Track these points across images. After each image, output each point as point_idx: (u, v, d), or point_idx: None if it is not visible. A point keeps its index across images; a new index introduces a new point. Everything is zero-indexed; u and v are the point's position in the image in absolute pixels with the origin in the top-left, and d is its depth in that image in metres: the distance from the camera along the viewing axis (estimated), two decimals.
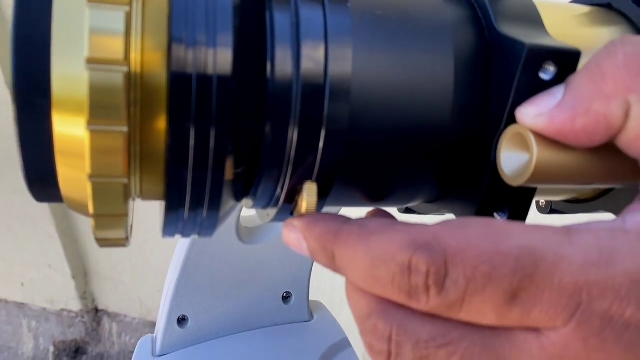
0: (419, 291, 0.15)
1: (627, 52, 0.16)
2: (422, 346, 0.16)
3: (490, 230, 0.15)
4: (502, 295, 0.15)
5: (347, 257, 0.17)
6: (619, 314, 0.14)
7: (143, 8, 0.16)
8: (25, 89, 0.16)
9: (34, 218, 1.24)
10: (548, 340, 0.15)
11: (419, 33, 0.19)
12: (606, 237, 0.15)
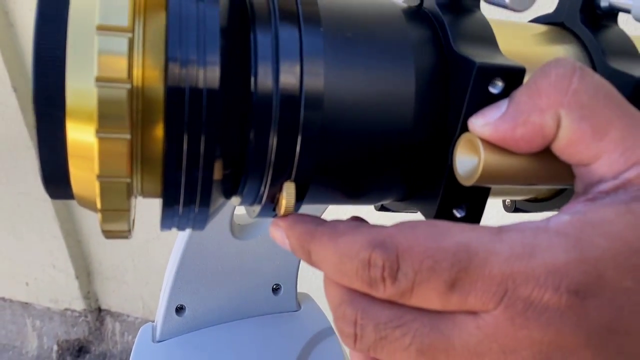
0: (377, 282, 0.18)
1: (559, 73, 0.19)
2: (381, 327, 0.18)
3: (434, 230, 0.18)
4: (443, 285, 0.17)
5: (320, 254, 0.20)
6: (538, 298, 0.17)
7: (144, 33, 0.19)
8: (43, 102, 0.18)
9: (38, 219, 1.27)
10: (483, 321, 0.17)
11: (384, 52, 0.21)
12: (530, 234, 0.18)
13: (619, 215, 0.18)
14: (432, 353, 0.18)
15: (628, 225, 0.18)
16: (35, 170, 1.22)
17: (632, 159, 0.19)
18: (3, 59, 1.13)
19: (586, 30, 0.25)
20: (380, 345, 0.18)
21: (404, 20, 0.23)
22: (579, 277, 0.17)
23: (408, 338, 0.18)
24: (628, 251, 0.17)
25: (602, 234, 0.17)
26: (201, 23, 0.19)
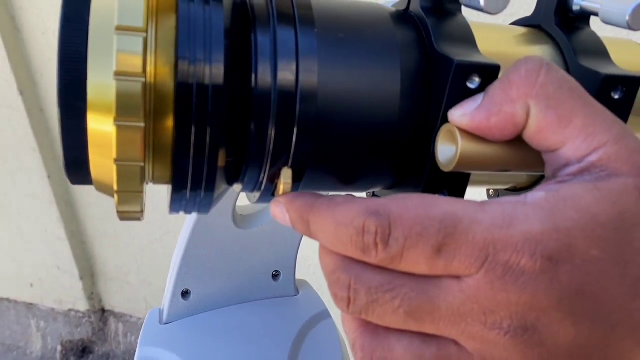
0: (370, 247, 0.20)
1: (528, 68, 0.21)
2: (373, 291, 0.21)
3: (423, 201, 0.20)
4: (430, 250, 0.20)
5: (318, 223, 0.22)
6: (515, 263, 0.19)
7: (156, 33, 0.21)
8: (67, 95, 0.21)
9: (43, 221, 1.29)
10: (465, 284, 0.20)
11: (372, 52, 0.24)
12: (510, 207, 0.20)
13: (586, 191, 0.20)
14: (419, 315, 0.20)
15: (595, 200, 0.20)
16: (41, 173, 1.24)
17: (594, 145, 0.21)
18: (10, 63, 1.15)
19: (560, 32, 0.27)
20: (372, 308, 0.21)
21: (391, 23, 0.25)
22: (552, 245, 0.19)
23: (397, 301, 0.20)
24: (595, 224, 0.19)
25: (572, 207, 0.20)
26: (208, 25, 0.22)
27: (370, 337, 0.21)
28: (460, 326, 0.20)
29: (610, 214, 0.20)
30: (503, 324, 0.19)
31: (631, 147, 0.21)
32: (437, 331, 0.20)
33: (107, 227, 1.32)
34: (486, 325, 0.19)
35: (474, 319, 0.19)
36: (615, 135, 0.21)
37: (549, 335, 0.19)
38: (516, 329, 0.19)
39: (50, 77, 1.18)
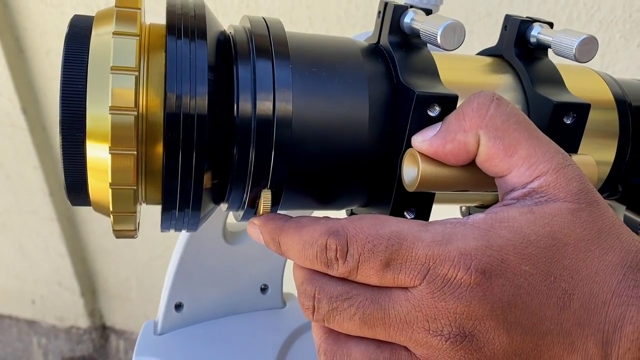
0: (332, 262, 0.23)
1: (479, 102, 0.24)
2: (333, 300, 0.23)
3: (375, 221, 0.23)
4: (379, 264, 0.22)
5: (287, 243, 0.25)
6: (453, 276, 0.22)
7: (147, 70, 0.24)
8: (68, 126, 0.24)
9: (45, 237, 1.32)
10: (411, 294, 0.22)
11: (343, 83, 0.27)
12: (450, 226, 0.23)
13: (521, 214, 0.23)
14: (372, 321, 0.23)
15: (527, 222, 0.23)
16: (43, 190, 1.28)
17: (536, 173, 0.24)
18: (14, 83, 1.19)
19: (519, 62, 0.30)
20: (332, 316, 0.23)
21: (361, 56, 0.28)
22: (485, 260, 0.22)
23: (353, 309, 0.23)
24: (526, 242, 0.22)
25: (506, 227, 0.22)
26: (193, 61, 0.25)
27: (332, 343, 0.24)
28: (407, 333, 0.22)
29: (541, 234, 0.22)
30: (444, 331, 0.22)
31: (569, 176, 0.24)
32: (389, 337, 0.23)
33: (108, 243, 1.35)
34: (429, 332, 0.22)
35: (419, 326, 0.22)
36: (556, 165, 0.24)
37: (486, 342, 0.22)
38: (455, 335, 0.22)
39: (52, 96, 1.22)
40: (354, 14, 0.96)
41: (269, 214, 0.27)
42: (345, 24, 0.97)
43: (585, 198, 0.23)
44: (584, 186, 0.24)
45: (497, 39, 0.45)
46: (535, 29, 0.30)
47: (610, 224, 0.23)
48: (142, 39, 0.24)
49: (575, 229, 0.23)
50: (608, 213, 0.24)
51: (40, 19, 1.13)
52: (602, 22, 0.88)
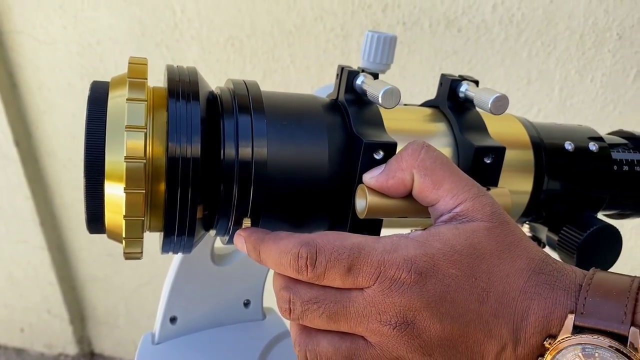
0: (303, 269, 0.30)
1: (413, 148, 0.32)
2: (305, 303, 0.30)
3: (339, 235, 0.30)
4: (342, 270, 0.29)
5: (266, 252, 0.32)
6: (397, 276, 0.29)
7: (153, 125, 0.32)
8: (90, 170, 0.31)
9: (35, 266, 1.37)
10: (366, 293, 0.29)
11: (307, 133, 0.34)
12: (396, 239, 0.30)
13: (449, 230, 0.30)
14: (336, 318, 0.30)
15: (454, 236, 0.30)
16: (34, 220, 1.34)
17: (458, 201, 0.31)
18: (7, 116, 1.25)
19: (450, 113, 0.37)
20: (305, 315, 0.30)
21: (322, 111, 0.35)
22: (422, 264, 0.29)
23: (321, 309, 0.30)
24: (452, 251, 0.29)
25: (438, 240, 0.30)
26: (189, 118, 0.32)
27: (305, 336, 0.31)
28: (364, 324, 0.29)
29: (464, 245, 0.30)
30: (391, 321, 0.29)
31: (483, 202, 0.31)
32: (350, 329, 0.30)
33: (97, 271, 1.40)
34: (381, 323, 0.29)
35: (373, 318, 0.29)
36: (473, 194, 0.31)
37: (423, 329, 0.29)
38: (400, 324, 0.29)
39: (44, 129, 1.28)
40: (331, 52, 1.04)
41: (253, 228, 0.34)
42: (324, 61, 1.05)
43: (497, 218, 0.31)
44: (496, 209, 0.31)
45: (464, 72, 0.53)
46: (464, 86, 0.37)
47: (518, 239, 0.31)
48: (148, 101, 0.31)
49: (490, 241, 0.30)
50: (517, 230, 0.31)
51: (34, 56, 1.20)
52: (559, 59, 0.97)
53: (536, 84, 0.98)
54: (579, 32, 0.94)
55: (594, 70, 0.96)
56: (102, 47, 1.15)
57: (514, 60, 0.97)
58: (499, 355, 0.29)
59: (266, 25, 1.05)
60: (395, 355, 0.29)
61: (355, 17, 1.00)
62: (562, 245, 0.40)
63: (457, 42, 0.98)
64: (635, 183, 0.42)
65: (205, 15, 1.07)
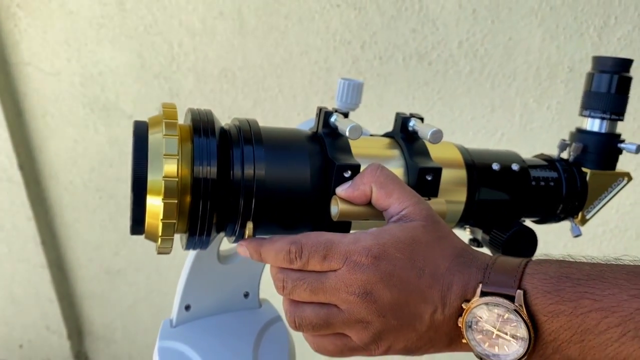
0: (293, 260, 0.42)
1: (372, 168, 0.45)
2: (294, 281, 0.42)
3: (317, 234, 0.43)
4: (320, 258, 0.42)
5: (265, 252, 0.44)
6: (359, 260, 0.41)
7: (181, 152, 0.44)
8: (137, 186, 0.43)
9: (35, 284, 1.47)
10: (338, 273, 0.41)
11: (294, 158, 0.47)
12: (359, 234, 0.42)
13: (396, 226, 0.43)
14: (316, 292, 0.42)
15: (399, 230, 0.42)
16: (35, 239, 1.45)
17: (403, 206, 0.44)
18: (12, 142, 1.36)
19: (402, 143, 0.50)
20: (294, 290, 0.42)
21: (305, 141, 0.48)
22: (376, 250, 0.41)
23: (305, 285, 0.42)
24: (398, 241, 0.42)
25: (387, 233, 0.42)
26: (208, 149, 0.44)
27: (294, 307, 0.43)
28: (336, 295, 0.41)
29: (406, 237, 0.42)
30: (356, 292, 0.41)
31: (421, 208, 0.44)
32: (326, 300, 0.42)
33: (95, 287, 1.50)
34: (348, 293, 0.41)
35: (342, 290, 0.41)
36: (414, 202, 0.44)
37: (378, 297, 0.41)
38: (361, 294, 0.41)
39: (47, 154, 1.39)
40: (316, 83, 1.18)
41: (252, 237, 0.46)
42: (309, 91, 1.19)
43: (431, 219, 0.44)
44: (430, 213, 0.44)
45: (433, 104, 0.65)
46: (412, 122, 0.50)
47: (445, 233, 0.43)
48: (179, 136, 0.44)
49: (425, 235, 0.43)
50: (445, 228, 0.44)
51: (39, 85, 1.32)
52: (518, 89, 1.11)
53: (499, 112, 1.12)
54: (535, 65, 1.08)
55: (550, 99, 1.10)
56: (104, 78, 1.28)
57: (479, 91, 1.11)
58: (433, 315, 0.41)
59: (257, 58, 1.18)
60: (359, 317, 0.41)
61: (337, 52, 1.14)
62: (491, 244, 0.53)
63: (428, 75, 1.11)
64: (548, 195, 0.55)
65: (201, 50, 1.20)
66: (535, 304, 0.38)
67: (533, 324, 0.38)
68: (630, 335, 0.35)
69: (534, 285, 0.39)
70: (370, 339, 0.42)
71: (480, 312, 0.40)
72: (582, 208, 0.57)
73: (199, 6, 1.16)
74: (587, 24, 1.02)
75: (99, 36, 1.23)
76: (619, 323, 0.35)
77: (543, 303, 0.38)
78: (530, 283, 0.39)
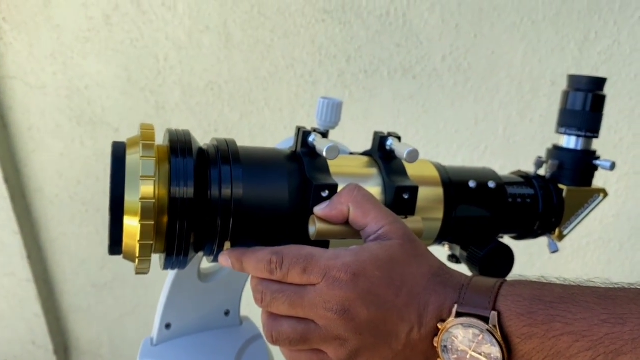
0: (273, 270, 0.43)
1: (349, 188, 0.45)
2: (273, 294, 0.43)
3: (299, 247, 0.43)
4: (299, 270, 0.42)
5: (246, 262, 0.45)
6: (338, 276, 0.41)
7: (159, 174, 0.45)
8: (114, 206, 0.43)
9: (21, 298, 1.46)
10: (317, 288, 0.41)
11: (273, 178, 0.47)
12: (338, 250, 0.43)
13: (375, 245, 0.43)
14: (294, 306, 0.42)
15: (378, 249, 0.43)
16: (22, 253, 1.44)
17: (380, 225, 0.44)
18: None
19: (380, 161, 0.51)
20: (272, 304, 0.43)
21: (284, 160, 0.49)
22: (355, 268, 0.41)
23: (284, 298, 0.42)
24: (376, 259, 0.42)
25: (366, 251, 0.42)
26: (185, 169, 0.45)
27: (272, 321, 0.44)
28: (314, 311, 0.42)
29: (385, 255, 0.43)
30: (334, 308, 0.41)
31: (398, 227, 0.44)
32: (304, 315, 0.42)
33: (81, 301, 1.49)
34: (326, 309, 0.41)
35: (320, 307, 0.41)
36: (390, 221, 0.44)
37: (356, 314, 0.41)
38: (339, 311, 0.41)
39: (33, 167, 1.39)
40: (302, 96, 1.18)
41: (235, 247, 0.47)
42: (296, 104, 1.19)
43: (407, 238, 0.44)
44: (407, 232, 0.44)
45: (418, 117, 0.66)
46: (389, 141, 0.51)
47: (422, 252, 0.44)
48: (156, 157, 0.44)
49: (402, 253, 0.43)
50: (422, 246, 0.45)
51: (25, 99, 1.31)
52: (502, 102, 1.12)
53: (483, 125, 1.13)
54: (518, 79, 1.10)
55: (532, 112, 1.11)
56: (90, 92, 1.28)
57: (463, 104, 1.12)
58: (409, 334, 0.42)
59: (243, 72, 1.19)
60: (336, 334, 0.42)
61: (322, 65, 1.15)
62: (468, 260, 0.53)
63: (413, 88, 1.13)
64: (525, 212, 0.56)
65: (187, 63, 1.20)
66: (509, 326, 0.39)
67: (507, 346, 0.39)
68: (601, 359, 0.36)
69: (507, 307, 0.39)
70: (346, 356, 0.42)
71: (456, 332, 0.40)
72: (559, 224, 0.58)
73: (185, 20, 1.17)
74: (568, 38, 1.04)
75: (85, 50, 1.24)
76: (590, 347, 0.36)
77: (517, 325, 0.39)
78: (504, 305, 0.39)
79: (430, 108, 1.14)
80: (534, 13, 1.04)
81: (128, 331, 1.52)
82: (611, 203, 1.11)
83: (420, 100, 1.13)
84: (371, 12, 1.09)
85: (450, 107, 1.13)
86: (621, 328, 0.35)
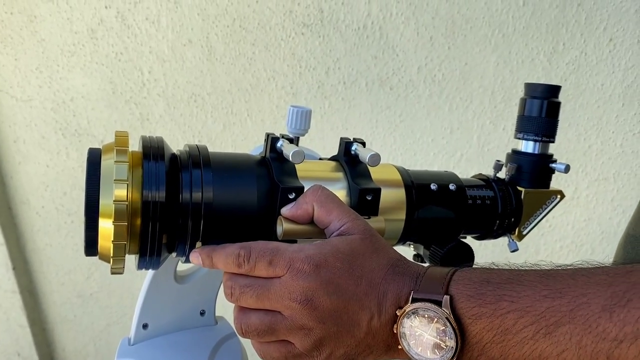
0: (241, 264, 0.45)
1: (313, 189, 0.48)
2: (241, 287, 0.45)
3: (266, 242, 0.45)
4: (266, 263, 0.44)
5: (216, 257, 0.47)
6: (302, 268, 0.43)
7: (132, 178, 0.47)
8: (89, 209, 0.45)
9: (6, 309, 1.47)
10: (282, 280, 0.43)
11: (243, 181, 0.50)
12: (302, 244, 0.45)
13: (336, 239, 0.45)
14: (262, 298, 0.44)
15: (339, 242, 0.45)
16: (7, 265, 1.45)
17: (342, 222, 0.47)
18: None
19: (345, 165, 0.54)
20: (241, 297, 0.45)
21: (254, 165, 0.51)
22: (317, 259, 0.43)
23: (252, 292, 0.44)
24: (337, 251, 0.44)
25: (328, 244, 0.45)
26: (157, 173, 0.47)
27: (241, 313, 0.46)
28: (280, 302, 0.44)
29: (346, 248, 0.45)
30: (298, 298, 0.43)
31: (359, 223, 0.47)
32: (271, 307, 0.44)
33: (67, 312, 1.50)
34: (291, 300, 0.44)
35: (285, 297, 0.44)
36: (352, 218, 0.47)
37: (319, 303, 0.43)
38: (302, 300, 0.43)
39: (19, 179, 1.40)
40: (283, 107, 1.21)
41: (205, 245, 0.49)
42: (277, 115, 1.22)
43: (368, 233, 0.47)
44: (367, 227, 0.47)
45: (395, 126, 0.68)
46: (354, 146, 0.54)
47: (382, 246, 0.47)
48: (129, 162, 0.47)
49: (363, 246, 0.45)
50: (381, 241, 0.47)
51: (10, 112, 1.33)
52: (475, 112, 1.16)
53: (458, 133, 1.16)
54: (490, 89, 1.13)
55: (505, 120, 1.15)
56: (75, 104, 1.30)
57: (438, 113, 1.15)
58: (370, 322, 0.44)
59: (225, 84, 1.22)
60: (301, 324, 0.44)
61: (302, 77, 1.18)
62: (431, 258, 0.56)
63: (390, 99, 1.16)
64: (485, 213, 0.59)
65: (170, 76, 1.23)
66: (460, 308, 0.41)
67: (460, 327, 0.41)
68: (542, 333, 0.38)
69: (458, 290, 0.42)
70: (311, 345, 0.44)
71: (413, 317, 0.43)
72: (519, 224, 0.61)
73: (168, 34, 1.19)
74: (538, 49, 1.08)
75: (70, 63, 1.26)
76: (533, 322, 0.38)
77: (467, 307, 0.41)
78: (456, 288, 0.42)
79: (406, 118, 1.17)
80: (504, 26, 1.07)
81: (114, 341, 1.53)
82: (582, 208, 1.14)
83: (397, 110, 1.16)
84: (349, 25, 1.12)
85: (426, 116, 1.16)
86: (560, 301, 0.38)
